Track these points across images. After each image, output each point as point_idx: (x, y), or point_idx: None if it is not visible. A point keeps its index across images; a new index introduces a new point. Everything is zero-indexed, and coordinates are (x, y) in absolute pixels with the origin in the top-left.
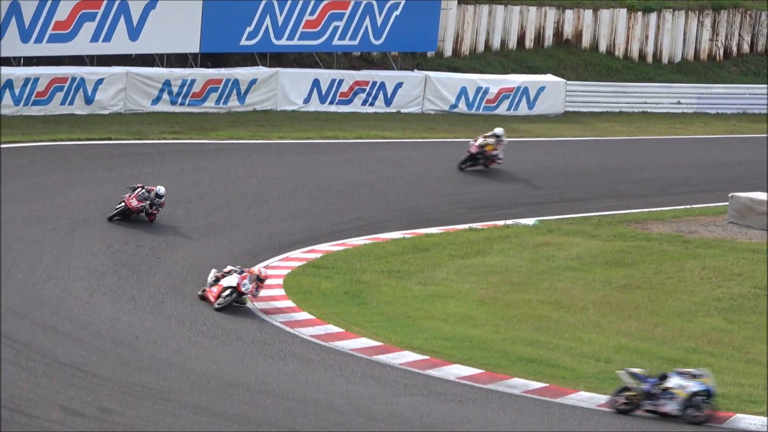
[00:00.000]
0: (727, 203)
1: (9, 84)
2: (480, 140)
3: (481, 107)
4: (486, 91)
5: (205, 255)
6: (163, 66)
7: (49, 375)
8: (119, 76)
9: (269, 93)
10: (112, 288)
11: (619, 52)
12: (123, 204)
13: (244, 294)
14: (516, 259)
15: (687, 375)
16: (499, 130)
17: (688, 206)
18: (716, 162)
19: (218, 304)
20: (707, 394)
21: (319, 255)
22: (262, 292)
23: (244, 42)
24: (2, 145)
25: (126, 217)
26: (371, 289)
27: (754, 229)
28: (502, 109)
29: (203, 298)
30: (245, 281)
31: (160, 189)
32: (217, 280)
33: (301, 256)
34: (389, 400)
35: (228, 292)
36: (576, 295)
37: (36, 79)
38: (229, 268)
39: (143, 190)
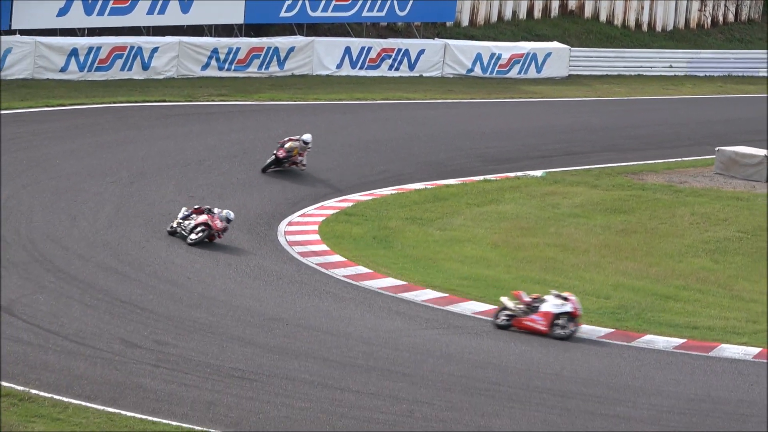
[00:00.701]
0: (714, 156)
1: (74, 52)
2: (288, 144)
3: (495, 71)
4: (499, 57)
5: (250, 203)
6: (211, 36)
7: (111, 312)
8: (172, 44)
9: (306, 59)
10: (165, 234)
11: (618, 21)
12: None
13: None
14: (525, 207)
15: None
16: (307, 137)
17: (679, 159)
18: (704, 119)
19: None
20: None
21: (350, 204)
22: (300, 237)
23: (283, 14)
24: (69, 107)
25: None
26: (396, 234)
27: (738, 179)
28: (513, 73)
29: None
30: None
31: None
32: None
33: (334, 205)
34: (413, 333)
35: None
36: (579, 238)
37: (98, 48)
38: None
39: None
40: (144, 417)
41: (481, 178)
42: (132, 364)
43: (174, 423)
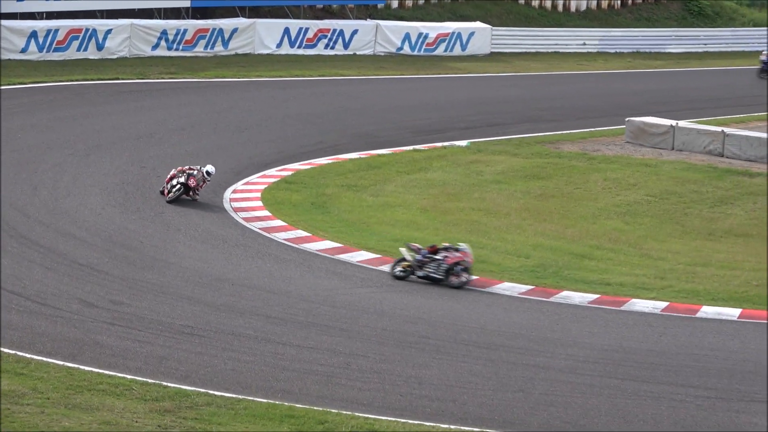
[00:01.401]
0: (624, 126)
1: (34, 34)
2: (191, 178)
3: (423, 49)
4: (426, 36)
5: None
6: (160, 18)
7: (70, 274)
8: (125, 26)
9: (248, 39)
10: (120, 202)
11: (536, 3)
12: (181, 187)
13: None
14: (452, 174)
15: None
16: (210, 168)
17: (592, 129)
18: (615, 92)
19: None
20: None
21: (290, 173)
22: (244, 204)
23: None
24: (29, 85)
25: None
26: (333, 200)
27: (646, 147)
28: (439, 51)
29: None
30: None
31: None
32: (171, 179)
33: (275, 173)
34: (349, 291)
35: (177, 187)
36: (501, 203)
37: (56, 30)
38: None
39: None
40: (101, 371)
41: (411, 148)
42: (89, 322)
43: (129, 376)
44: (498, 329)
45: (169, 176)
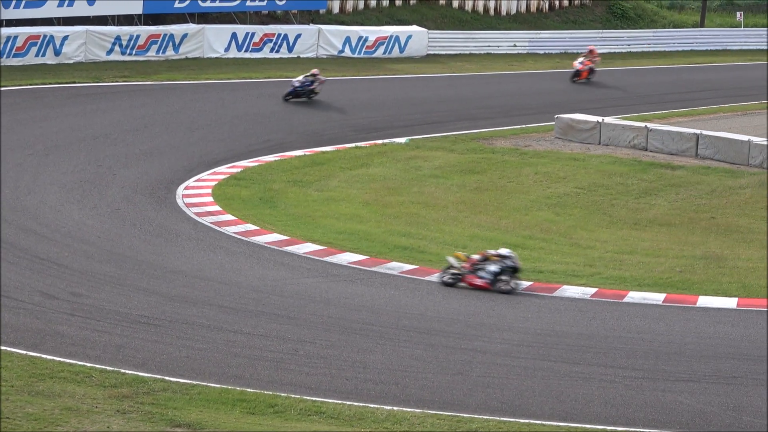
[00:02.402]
0: (553, 123)
1: None
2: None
3: (363, 52)
4: (366, 40)
5: (151, 171)
6: (114, 25)
7: (31, 268)
8: (80, 33)
9: (198, 44)
10: (78, 199)
11: (469, 7)
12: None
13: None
14: (392, 169)
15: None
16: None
17: (524, 126)
18: (544, 90)
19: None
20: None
21: (239, 170)
22: (196, 199)
23: (177, 5)
24: None
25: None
26: (280, 195)
27: (575, 143)
28: (378, 53)
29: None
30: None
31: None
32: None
33: (225, 170)
34: (296, 281)
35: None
36: (439, 196)
37: (15, 37)
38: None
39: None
40: (62, 360)
41: (353, 145)
42: (50, 313)
43: (88, 364)
44: (437, 316)
45: None
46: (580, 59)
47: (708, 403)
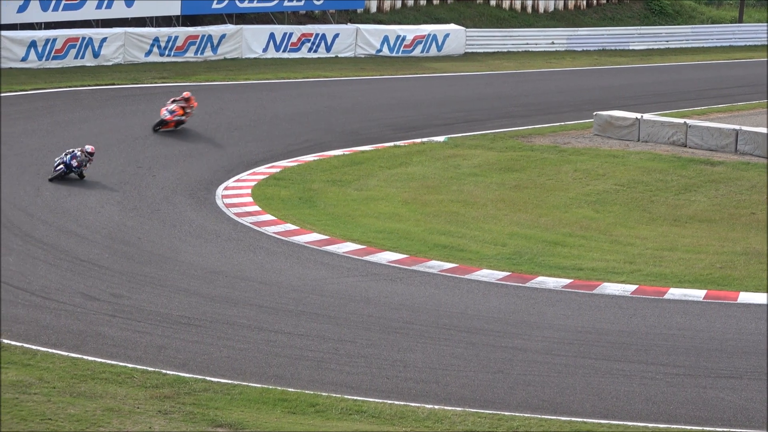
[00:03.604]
0: (592, 120)
1: (33, 44)
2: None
3: (401, 51)
4: (404, 38)
5: (191, 171)
6: (153, 26)
7: (72, 269)
8: (119, 35)
9: (236, 45)
10: (118, 200)
11: (506, 5)
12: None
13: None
14: (431, 168)
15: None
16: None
17: (562, 123)
18: (583, 88)
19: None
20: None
21: (278, 170)
22: (235, 200)
23: (215, 5)
24: (29, 92)
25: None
26: (319, 194)
27: (613, 140)
28: (416, 52)
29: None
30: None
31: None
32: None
33: (264, 171)
34: (336, 281)
35: (60, 166)
36: (478, 194)
37: (54, 40)
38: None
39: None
40: (103, 360)
41: (392, 144)
42: (92, 314)
43: (130, 365)
44: (477, 314)
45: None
46: (171, 106)
47: (750, 399)
